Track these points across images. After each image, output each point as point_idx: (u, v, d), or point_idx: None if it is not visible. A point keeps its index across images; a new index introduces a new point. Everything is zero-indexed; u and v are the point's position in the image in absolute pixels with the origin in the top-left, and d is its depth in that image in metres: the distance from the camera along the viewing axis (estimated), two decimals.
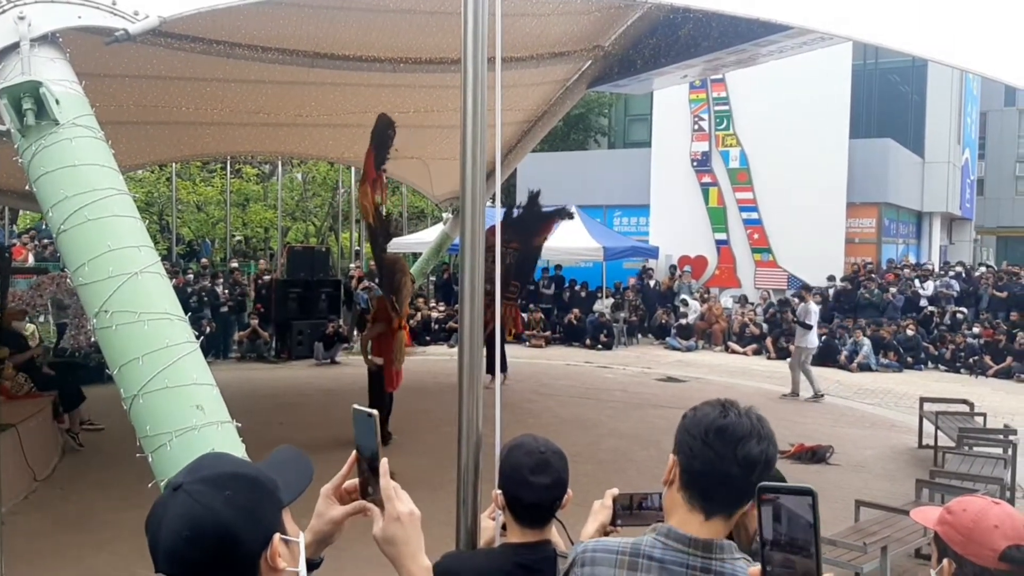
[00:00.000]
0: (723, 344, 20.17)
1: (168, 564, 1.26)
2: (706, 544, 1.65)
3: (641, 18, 10.57)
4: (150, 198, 24.40)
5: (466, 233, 2.32)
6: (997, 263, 27.92)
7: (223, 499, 1.27)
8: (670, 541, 1.67)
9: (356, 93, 10.93)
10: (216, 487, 1.29)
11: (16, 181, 11.56)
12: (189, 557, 1.24)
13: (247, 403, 11.33)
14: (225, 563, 1.27)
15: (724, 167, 23.16)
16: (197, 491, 1.28)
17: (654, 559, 1.66)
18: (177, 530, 1.25)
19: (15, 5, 3.96)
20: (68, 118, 3.81)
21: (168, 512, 1.27)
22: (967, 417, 10.00)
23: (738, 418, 1.69)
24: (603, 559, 1.71)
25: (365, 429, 1.68)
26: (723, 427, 1.67)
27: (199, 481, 1.30)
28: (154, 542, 1.27)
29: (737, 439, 1.66)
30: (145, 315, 3.45)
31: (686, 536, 1.66)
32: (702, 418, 1.71)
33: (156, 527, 1.28)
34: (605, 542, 1.76)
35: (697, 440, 1.69)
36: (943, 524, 1.84)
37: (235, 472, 1.34)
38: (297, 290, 17.47)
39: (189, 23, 6.85)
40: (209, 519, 1.25)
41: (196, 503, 1.26)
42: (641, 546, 1.69)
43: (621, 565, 1.69)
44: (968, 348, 17.55)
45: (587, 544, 1.78)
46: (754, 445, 1.66)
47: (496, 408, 2.44)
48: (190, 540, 1.24)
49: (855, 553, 5.44)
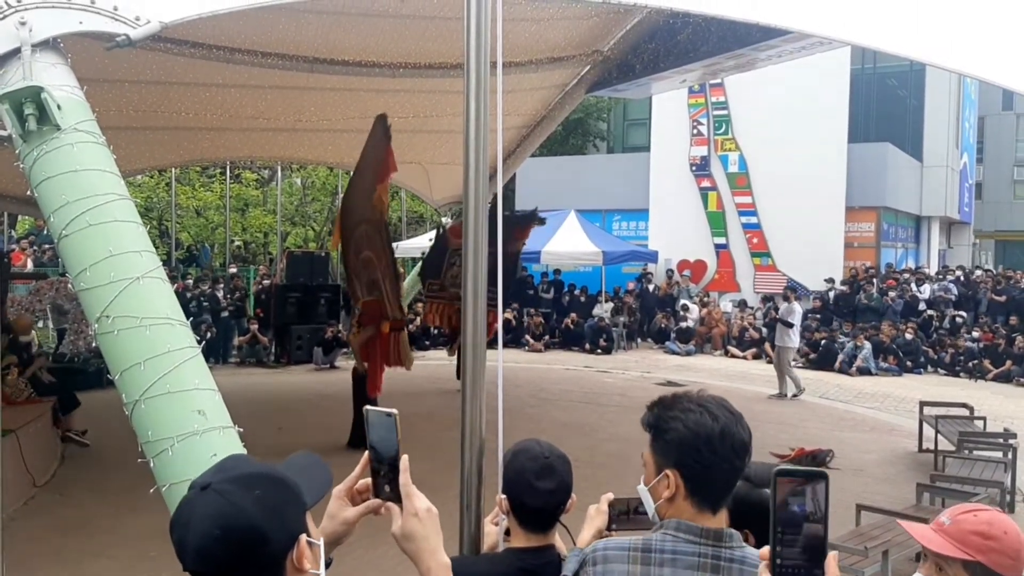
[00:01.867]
0: (722, 348, 20.17)
1: (198, 562, 1.26)
2: (717, 533, 1.71)
3: (640, 23, 10.58)
4: (149, 203, 24.38)
5: (468, 238, 2.33)
6: (995, 267, 27.95)
7: (253, 499, 1.28)
8: (680, 533, 1.72)
9: (355, 98, 10.94)
10: (246, 487, 1.29)
11: (15, 186, 11.57)
12: (219, 556, 1.25)
13: (247, 408, 11.31)
14: (253, 562, 1.27)
15: (723, 171, 23.18)
16: (227, 490, 1.28)
17: (666, 552, 1.71)
18: (207, 529, 1.25)
19: (16, 10, 3.96)
20: (70, 123, 3.81)
21: (197, 511, 1.27)
22: (967, 421, 10.00)
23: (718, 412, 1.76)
24: (615, 556, 1.75)
25: (383, 429, 1.71)
26: (721, 432, 1.73)
27: (228, 481, 1.30)
28: (182, 541, 1.27)
29: (731, 435, 1.74)
30: (146, 320, 3.45)
31: (697, 527, 1.72)
32: (698, 430, 1.75)
33: (184, 526, 1.28)
34: (616, 541, 1.80)
35: (702, 452, 1.73)
36: (986, 552, 1.79)
37: (263, 473, 1.35)
38: (296, 295, 17.45)
39: (189, 28, 6.86)
40: (240, 518, 1.26)
41: (226, 502, 1.26)
42: (652, 541, 1.73)
43: (634, 560, 1.73)
44: (967, 352, 17.55)
45: (597, 544, 1.81)
46: (740, 431, 1.75)
47: (499, 413, 2.44)
48: (220, 539, 1.24)
49: (856, 557, 5.43)
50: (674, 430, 1.77)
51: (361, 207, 9.86)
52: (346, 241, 10.07)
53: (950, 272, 22.21)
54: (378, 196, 9.66)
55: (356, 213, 9.94)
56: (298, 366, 16.74)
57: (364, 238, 9.93)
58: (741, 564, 1.70)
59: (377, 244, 9.97)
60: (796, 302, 14.45)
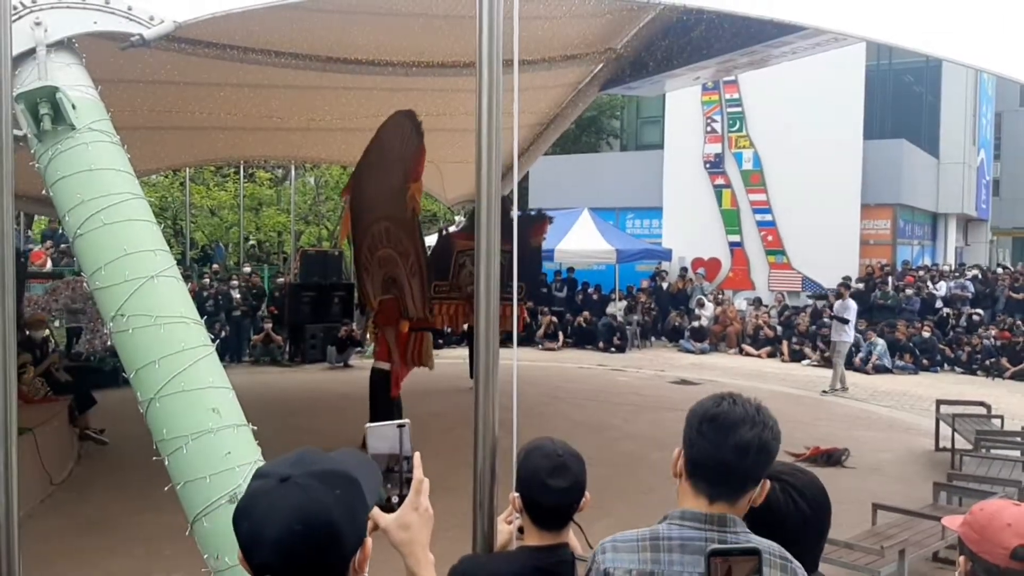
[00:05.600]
0: (737, 347, 20.09)
1: (276, 555, 1.24)
2: (721, 519, 1.75)
3: (653, 20, 10.54)
4: (164, 203, 24.52)
5: (482, 236, 2.32)
6: (1013, 264, 27.72)
7: (334, 497, 1.27)
8: (686, 521, 1.77)
9: (368, 97, 10.95)
10: (328, 484, 1.28)
11: (30, 186, 11.63)
12: (298, 550, 1.23)
13: (260, 407, 11.34)
14: (327, 561, 1.26)
15: (737, 169, 23.09)
16: (310, 485, 1.26)
17: (673, 539, 1.75)
18: (289, 522, 1.23)
19: (31, 11, 3.98)
20: (84, 123, 3.83)
21: (277, 502, 1.25)
22: (984, 419, 9.93)
23: (731, 406, 1.79)
24: (624, 546, 1.79)
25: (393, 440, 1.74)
26: (714, 416, 1.78)
27: (310, 475, 1.28)
28: (256, 532, 1.25)
29: (729, 426, 1.76)
30: (161, 319, 3.46)
31: (702, 514, 1.76)
32: (697, 408, 1.82)
33: (260, 517, 1.25)
34: (624, 534, 1.83)
35: (693, 430, 1.80)
36: (963, 524, 1.86)
37: (341, 471, 1.33)
38: (310, 294, 17.50)
39: (202, 28, 6.87)
40: (321, 515, 1.25)
41: (309, 498, 1.25)
42: (659, 530, 1.78)
43: (643, 549, 1.77)
44: (985, 350, 17.42)
45: (605, 540, 1.84)
46: (746, 431, 1.76)
47: (513, 411, 2.43)
48: (301, 534, 1.23)
49: (872, 557, 5.40)
50: (690, 410, 1.86)
51: (382, 203, 9.67)
52: (358, 237, 9.97)
53: (968, 270, 22.04)
54: (411, 195, 9.47)
55: (375, 209, 9.78)
56: (312, 365, 16.79)
57: (384, 235, 9.77)
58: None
59: (404, 242, 9.76)
60: (849, 298, 14.77)
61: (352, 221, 10.13)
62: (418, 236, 9.92)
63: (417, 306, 9.85)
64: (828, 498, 1.97)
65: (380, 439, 1.74)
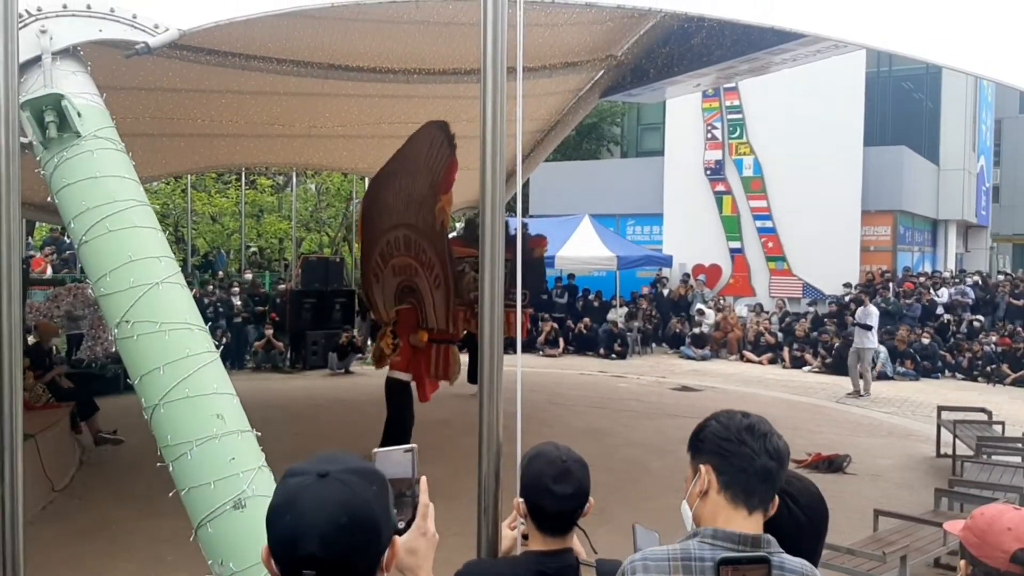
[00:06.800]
0: (738, 353, 20.09)
1: (321, 547, 1.25)
2: (755, 539, 1.73)
3: (654, 27, 10.58)
4: (166, 210, 24.52)
5: (486, 243, 2.33)
6: (1013, 270, 27.72)
7: (372, 493, 1.30)
8: (718, 541, 1.74)
9: (370, 104, 10.99)
10: (367, 480, 1.31)
11: (33, 193, 11.66)
12: (343, 542, 1.26)
13: (262, 413, 11.34)
14: (367, 555, 1.29)
15: (738, 175, 23.10)
16: (351, 481, 1.29)
17: (706, 559, 1.72)
18: (335, 515, 1.25)
19: (37, 19, 4.01)
20: (89, 130, 3.85)
21: (320, 497, 1.27)
22: (985, 426, 9.93)
23: (757, 418, 1.85)
24: (655, 566, 1.75)
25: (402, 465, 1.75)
26: (751, 425, 1.82)
27: (349, 472, 1.31)
28: (298, 526, 1.26)
29: (763, 434, 1.81)
30: (166, 325, 3.47)
31: (735, 534, 1.74)
32: (728, 423, 1.84)
33: (304, 510, 1.27)
34: (653, 551, 1.80)
35: (732, 441, 1.80)
36: (964, 529, 1.87)
37: (374, 470, 1.36)
38: (311, 300, 17.51)
39: (205, 36, 6.90)
40: (364, 509, 1.28)
41: (352, 492, 1.28)
42: (691, 550, 1.75)
43: (675, 571, 1.73)
44: (985, 356, 17.41)
45: (634, 556, 1.81)
46: (777, 439, 1.82)
47: (517, 418, 2.44)
48: (346, 527, 1.25)
49: (874, 563, 5.40)
50: (707, 428, 1.87)
51: (401, 210, 9.45)
52: (371, 243, 9.80)
53: (968, 276, 22.05)
54: (441, 207, 9.22)
55: (392, 216, 9.56)
56: (313, 371, 16.79)
57: (401, 242, 9.56)
58: (780, 570, 1.71)
59: (428, 253, 9.47)
60: (871, 304, 15.17)
61: (363, 227, 9.96)
62: (445, 249, 9.55)
63: (439, 318, 9.56)
64: (824, 504, 1.98)
65: (389, 464, 1.74)
